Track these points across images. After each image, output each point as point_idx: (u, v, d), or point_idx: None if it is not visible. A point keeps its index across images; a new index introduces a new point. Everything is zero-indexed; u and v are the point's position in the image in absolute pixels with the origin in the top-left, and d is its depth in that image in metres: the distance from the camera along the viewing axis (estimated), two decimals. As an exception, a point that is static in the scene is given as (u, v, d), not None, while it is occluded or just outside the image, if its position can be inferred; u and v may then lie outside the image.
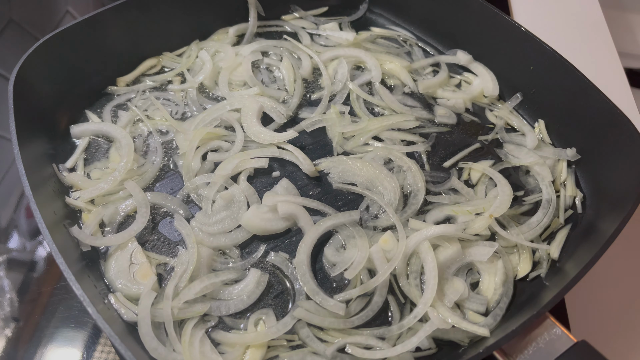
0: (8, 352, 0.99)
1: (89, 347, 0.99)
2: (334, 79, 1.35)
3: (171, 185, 1.15)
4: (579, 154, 1.20)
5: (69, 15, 1.66)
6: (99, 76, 1.28)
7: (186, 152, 1.15)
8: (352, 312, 0.97)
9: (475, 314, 0.98)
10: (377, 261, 1.00)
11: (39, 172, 1.04)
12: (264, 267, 1.04)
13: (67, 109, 1.21)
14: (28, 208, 1.20)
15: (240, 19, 1.44)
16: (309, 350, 0.93)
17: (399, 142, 1.23)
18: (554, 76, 1.22)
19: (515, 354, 0.84)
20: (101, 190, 1.07)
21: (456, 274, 1.02)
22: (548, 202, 1.14)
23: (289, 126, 1.25)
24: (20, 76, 1.07)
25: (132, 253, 1.01)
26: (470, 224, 1.07)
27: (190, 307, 0.94)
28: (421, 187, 1.14)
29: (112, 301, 0.94)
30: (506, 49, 1.31)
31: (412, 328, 0.95)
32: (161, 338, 0.91)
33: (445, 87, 1.36)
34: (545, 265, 1.05)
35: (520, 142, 1.26)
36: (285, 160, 1.18)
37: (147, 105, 1.26)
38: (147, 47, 1.34)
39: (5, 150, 1.30)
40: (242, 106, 1.23)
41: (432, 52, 1.46)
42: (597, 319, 1.10)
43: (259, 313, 0.97)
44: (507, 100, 1.34)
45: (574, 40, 1.65)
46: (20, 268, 1.11)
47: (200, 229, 1.04)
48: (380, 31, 1.49)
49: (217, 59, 1.34)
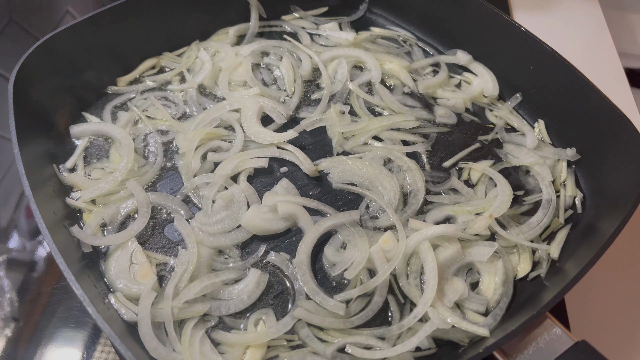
0: (8, 352, 0.99)
1: (89, 347, 0.99)
2: (334, 79, 1.35)
3: (171, 185, 1.15)
4: (579, 154, 1.20)
5: (69, 15, 1.66)
6: (98, 76, 1.28)
7: (186, 152, 1.15)
8: (352, 312, 0.97)
9: (475, 314, 0.98)
10: (377, 261, 1.00)
11: (39, 172, 1.04)
12: (264, 267, 1.04)
13: (67, 109, 1.21)
14: (28, 208, 1.20)
15: (241, 19, 1.44)
16: (309, 350, 0.93)
17: (399, 142, 1.23)
18: (554, 76, 1.22)
19: (515, 354, 0.84)
20: (102, 190, 1.07)
21: (456, 274, 1.02)
22: (548, 202, 1.14)
23: (289, 126, 1.25)
24: (20, 76, 1.08)
25: (132, 253, 1.01)
26: (470, 224, 1.07)
27: (190, 307, 0.94)
28: (421, 187, 1.14)
29: (112, 301, 0.94)
30: (506, 49, 1.31)
31: (412, 328, 0.95)
32: (161, 338, 0.91)
33: (445, 87, 1.36)
34: (545, 265, 1.05)
35: (520, 142, 1.25)
36: (285, 160, 1.18)
37: (147, 105, 1.27)
38: (147, 47, 1.34)
39: (5, 150, 1.30)
40: (242, 106, 1.23)
41: (432, 52, 1.46)
42: (597, 319, 1.10)
43: (259, 313, 0.97)
44: (507, 100, 1.34)
45: (574, 40, 1.65)
46: (20, 268, 1.11)
47: (200, 229, 1.05)
48: (380, 31, 1.49)
49: (217, 59, 1.34)
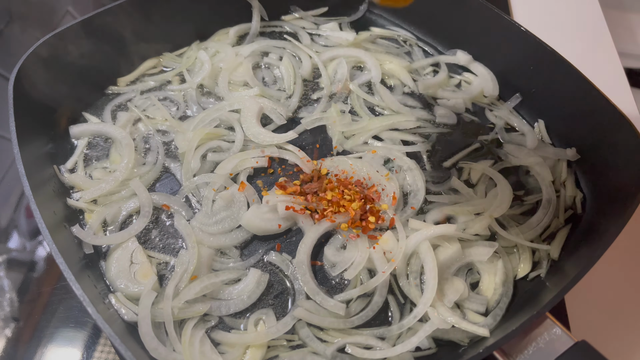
0: (8, 352, 0.99)
1: (89, 347, 0.99)
2: (334, 79, 1.35)
3: (171, 185, 1.15)
4: (579, 154, 1.20)
5: (69, 15, 1.65)
6: (99, 76, 1.28)
7: (186, 152, 1.15)
8: (352, 312, 0.97)
9: (475, 314, 0.98)
10: (377, 261, 1.00)
11: (39, 173, 1.04)
12: (264, 267, 1.04)
13: (67, 109, 1.21)
14: (28, 208, 1.20)
15: (241, 19, 1.44)
16: (309, 350, 0.93)
17: (399, 142, 1.23)
18: (554, 76, 1.22)
19: (515, 354, 0.84)
20: (103, 190, 1.07)
21: (456, 274, 1.02)
22: (548, 202, 1.14)
23: (289, 126, 1.25)
24: (20, 76, 1.07)
25: (132, 252, 1.01)
26: (470, 224, 1.07)
27: (190, 307, 0.94)
28: (421, 186, 1.14)
29: (112, 301, 0.94)
30: (506, 49, 1.31)
31: (412, 328, 0.95)
32: (161, 338, 0.91)
33: (445, 87, 1.36)
34: (545, 265, 1.05)
35: (520, 142, 1.25)
36: (285, 160, 1.18)
37: (147, 105, 1.26)
38: (147, 48, 1.34)
39: (5, 150, 1.30)
40: (242, 107, 1.23)
41: (432, 52, 1.46)
42: (597, 319, 1.10)
43: (259, 313, 0.97)
44: (507, 100, 1.34)
45: (574, 40, 1.65)
46: (20, 268, 1.11)
47: (200, 229, 1.05)
48: (380, 31, 1.49)
49: (217, 59, 1.34)
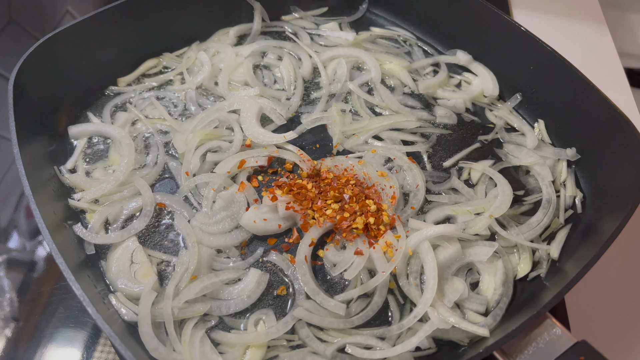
0: (8, 352, 0.99)
1: (89, 347, 0.99)
2: (333, 79, 1.35)
3: (170, 185, 1.15)
4: (579, 154, 1.20)
5: (69, 15, 1.65)
6: (99, 76, 1.28)
7: (185, 152, 1.15)
8: (353, 312, 0.97)
9: (475, 314, 0.98)
10: (377, 261, 1.00)
11: (39, 172, 1.04)
12: (264, 267, 1.04)
13: (67, 109, 1.21)
14: (28, 208, 1.20)
15: (241, 19, 1.44)
16: (309, 350, 0.93)
17: (399, 142, 1.23)
18: (554, 76, 1.22)
19: (515, 354, 0.84)
20: (103, 190, 1.07)
21: (456, 274, 1.02)
22: (548, 202, 1.14)
23: (289, 125, 1.25)
24: (20, 76, 1.07)
25: (132, 252, 1.01)
26: (470, 224, 1.07)
27: (190, 307, 0.94)
28: (421, 186, 1.14)
29: (112, 301, 0.94)
30: (506, 49, 1.31)
31: (412, 328, 0.95)
32: (161, 338, 0.91)
33: (445, 87, 1.36)
34: (545, 265, 1.05)
35: (520, 142, 1.25)
36: (285, 160, 1.18)
37: (147, 105, 1.26)
38: (147, 48, 1.34)
39: (5, 150, 1.30)
40: (241, 107, 1.23)
41: (432, 52, 1.46)
42: (597, 319, 1.10)
43: (259, 313, 0.97)
44: (507, 100, 1.34)
45: (574, 40, 1.65)
46: (20, 268, 1.11)
47: (200, 229, 1.05)
48: (380, 31, 1.49)
49: (216, 59, 1.34)
